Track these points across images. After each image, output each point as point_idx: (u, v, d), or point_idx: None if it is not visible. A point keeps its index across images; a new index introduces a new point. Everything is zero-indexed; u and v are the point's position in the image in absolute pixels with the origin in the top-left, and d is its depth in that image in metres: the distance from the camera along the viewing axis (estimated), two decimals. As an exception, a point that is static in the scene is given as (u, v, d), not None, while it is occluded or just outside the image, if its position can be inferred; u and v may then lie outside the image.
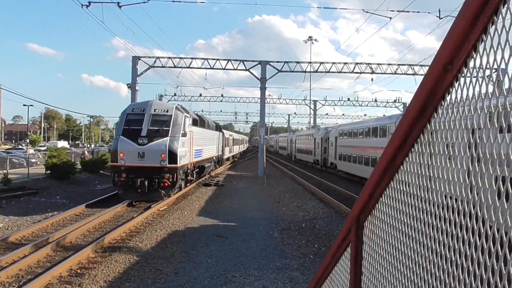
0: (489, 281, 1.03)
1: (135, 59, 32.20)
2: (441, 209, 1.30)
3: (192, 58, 33.80)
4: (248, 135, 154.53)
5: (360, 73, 34.26)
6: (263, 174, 30.31)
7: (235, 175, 32.21)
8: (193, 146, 20.89)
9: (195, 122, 21.78)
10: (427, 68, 1.40)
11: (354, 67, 33.90)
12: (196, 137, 21.65)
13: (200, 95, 59.60)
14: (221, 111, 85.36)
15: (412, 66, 34.52)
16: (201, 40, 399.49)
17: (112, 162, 17.54)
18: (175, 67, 33.48)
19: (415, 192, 1.49)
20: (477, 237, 1.08)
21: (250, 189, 23.63)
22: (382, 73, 34.75)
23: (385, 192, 1.78)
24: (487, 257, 1.04)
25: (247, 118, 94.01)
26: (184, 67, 33.75)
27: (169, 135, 17.61)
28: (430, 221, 1.37)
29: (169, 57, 33.48)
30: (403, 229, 1.59)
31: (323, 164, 39.81)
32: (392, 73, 34.65)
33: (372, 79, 37.87)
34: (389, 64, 34.66)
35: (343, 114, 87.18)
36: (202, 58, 34.16)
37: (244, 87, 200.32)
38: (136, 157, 17.09)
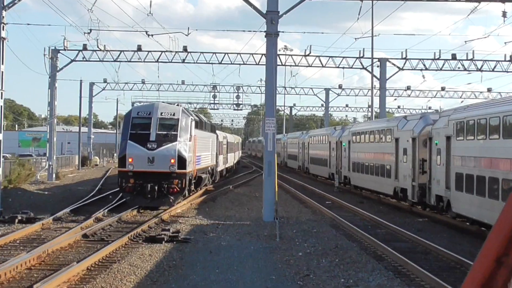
0: None
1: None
2: None
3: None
4: (241, 134, 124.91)
5: (479, 0, 25.34)
6: (272, 218, 23.60)
7: (212, 215, 26.23)
8: (196, 151, 28.20)
9: (196, 125, 28.87)
10: None
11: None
12: (198, 142, 28.66)
13: (140, 48, 42.38)
14: (183, 82, 63.16)
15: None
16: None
17: (119, 167, 25.57)
18: None
19: None
20: None
21: (245, 250, 19.24)
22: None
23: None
24: None
25: (238, 97, 64.68)
26: None
27: (177, 139, 25.02)
28: None
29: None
30: None
31: (338, 178, 41.80)
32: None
33: (504, 14, 29.26)
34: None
35: (442, 89, 65.11)
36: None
37: (232, 31, 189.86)
38: (145, 162, 24.40)
